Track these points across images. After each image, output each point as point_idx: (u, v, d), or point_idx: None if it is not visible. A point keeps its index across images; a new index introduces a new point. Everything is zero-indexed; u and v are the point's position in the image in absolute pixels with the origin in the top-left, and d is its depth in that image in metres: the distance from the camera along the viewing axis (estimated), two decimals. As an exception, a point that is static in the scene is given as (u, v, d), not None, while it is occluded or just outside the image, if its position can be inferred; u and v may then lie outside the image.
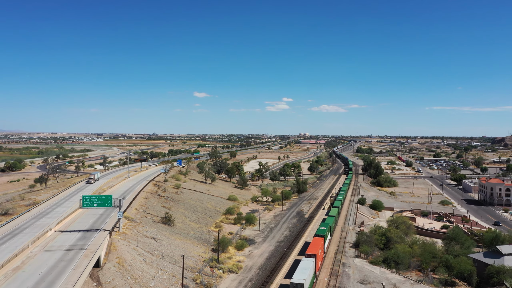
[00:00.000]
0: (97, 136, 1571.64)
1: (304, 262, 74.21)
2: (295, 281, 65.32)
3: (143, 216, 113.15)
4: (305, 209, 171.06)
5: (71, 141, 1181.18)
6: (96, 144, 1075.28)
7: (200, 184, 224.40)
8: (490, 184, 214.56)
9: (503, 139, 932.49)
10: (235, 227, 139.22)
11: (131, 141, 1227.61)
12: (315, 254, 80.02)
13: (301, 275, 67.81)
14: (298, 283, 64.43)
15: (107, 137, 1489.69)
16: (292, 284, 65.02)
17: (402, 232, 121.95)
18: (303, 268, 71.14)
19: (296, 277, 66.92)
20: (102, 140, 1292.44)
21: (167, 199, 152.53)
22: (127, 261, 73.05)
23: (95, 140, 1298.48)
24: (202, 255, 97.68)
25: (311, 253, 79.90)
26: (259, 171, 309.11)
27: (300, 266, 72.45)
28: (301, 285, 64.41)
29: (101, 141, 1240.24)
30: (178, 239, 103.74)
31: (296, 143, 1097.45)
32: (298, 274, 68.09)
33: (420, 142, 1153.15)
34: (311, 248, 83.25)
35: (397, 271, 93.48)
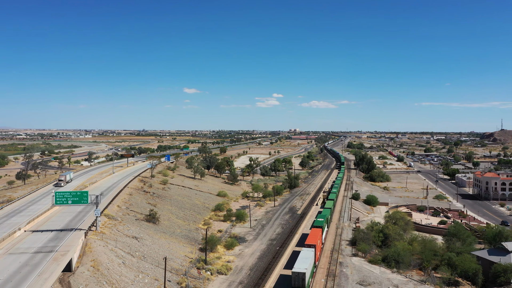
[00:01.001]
0: (85, 132, 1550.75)
1: (304, 252, 73.87)
2: (296, 270, 64.84)
3: (126, 214, 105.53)
4: (297, 205, 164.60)
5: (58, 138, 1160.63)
6: (84, 140, 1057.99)
7: (189, 179, 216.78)
8: (486, 178, 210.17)
9: (492, 134, 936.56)
10: (224, 224, 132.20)
11: (120, 137, 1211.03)
12: (314, 244, 79.77)
13: (302, 264, 67.38)
14: (300, 272, 64.04)
15: (96, 134, 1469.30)
16: (294, 273, 64.65)
17: (400, 229, 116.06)
18: (303, 258, 70.59)
19: (297, 266, 66.47)
20: (90, 137, 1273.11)
21: (153, 195, 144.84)
22: (103, 264, 65.61)
23: (83, 136, 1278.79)
24: (189, 255, 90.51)
25: (310, 243, 79.61)
26: (250, 166, 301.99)
27: (300, 256, 71.88)
28: (303, 274, 64.02)
29: (90, 137, 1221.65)
30: (163, 238, 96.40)
31: (286, 138, 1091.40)
32: (299, 264, 67.56)
33: (409, 137, 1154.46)
34: (310, 239, 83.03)
35: (398, 270, 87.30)
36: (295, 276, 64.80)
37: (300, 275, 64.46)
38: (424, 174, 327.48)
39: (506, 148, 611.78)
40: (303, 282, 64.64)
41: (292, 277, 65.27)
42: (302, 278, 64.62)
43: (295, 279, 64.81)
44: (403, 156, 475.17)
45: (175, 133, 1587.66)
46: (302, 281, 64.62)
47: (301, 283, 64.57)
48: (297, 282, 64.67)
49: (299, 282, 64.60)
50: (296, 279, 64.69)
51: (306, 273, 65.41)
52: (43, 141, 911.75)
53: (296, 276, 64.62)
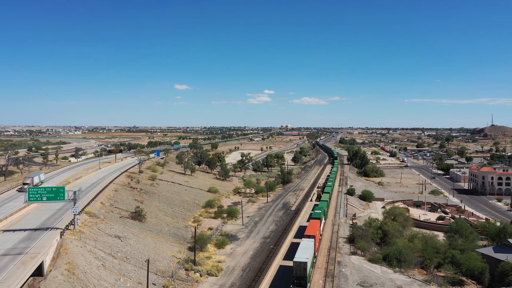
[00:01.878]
0: (75, 129, 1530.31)
1: (305, 242, 74.26)
2: (298, 259, 65.17)
3: (109, 211, 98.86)
4: (291, 200, 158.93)
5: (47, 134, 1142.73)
6: (73, 136, 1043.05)
7: (179, 175, 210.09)
8: (482, 173, 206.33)
9: (482, 130, 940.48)
10: (215, 221, 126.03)
11: (110, 134, 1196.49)
12: (314, 235, 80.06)
13: (303, 254, 67.86)
14: (302, 261, 64.43)
15: (86, 130, 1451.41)
16: (295, 263, 64.99)
17: (400, 225, 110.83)
18: (304, 248, 71.08)
19: (298, 256, 66.89)
20: (80, 133, 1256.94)
21: (140, 191, 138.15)
22: (80, 267, 59.14)
23: (73, 133, 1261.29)
24: (177, 256, 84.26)
25: (310, 234, 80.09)
26: (242, 162, 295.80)
27: (301, 246, 72.40)
28: (304, 263, 64.34)
29: (79, 134, 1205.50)
30: (149, 237, 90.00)
31: (278, 134, 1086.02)
32: (300, 253, 68.05)
33: (401, 133, 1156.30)
34: (310, 230, 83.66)
35: (400, 270, 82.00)
36: (296, 266, 64.90)
37: (302, 264, 64.60)
38: (418, 169, 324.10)
39: (497, 143, 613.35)
40: (304, 271, 64.84)
41: (294, 266, 65.31)
42: (303, 268, 64.77)
43: (297, 269, 64.94)
44: (395, 152, 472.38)
45: (166, 129, 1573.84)
46: (304, 270, 64.82)
47: (302, 272, 64.81)
48: (298, 271, 64.86)
49: (301, 272, 64.82)
50: (298, 268, 64.82)
51: (308, 262, 65.53)
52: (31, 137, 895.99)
53: (298, 266, 64.76)
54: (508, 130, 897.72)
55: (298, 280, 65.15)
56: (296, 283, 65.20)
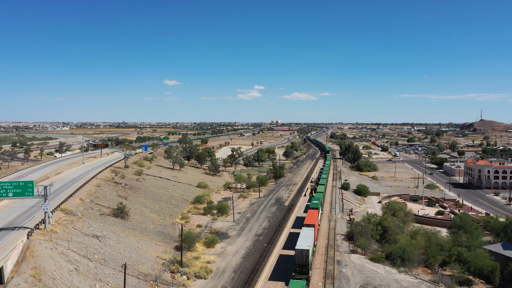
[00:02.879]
0: (63, 124, 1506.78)
1: (305, 231, 74.78)
2: (300, 247, 65.42)
3: (89, 208, 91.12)
4: (284, 195, 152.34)
5: (34, 130, 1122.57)
6: (60, 132, 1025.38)
7: (167, 170, 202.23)
8: (478, 166, 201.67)
9: (471, 125, 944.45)
10: (204, 218, 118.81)
11: (98, 130, 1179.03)
12: (313, 224, 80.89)
13: (305, 242, 68.03)
14: (304, 249, 64.83)
15: (74, 126, 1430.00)
16: (297, 251, 65.22)
17: (400, 221, 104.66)
18: (305, 236, 71.34)
19: (300, 244, 67.00)
20: (68, 129, 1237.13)
21: (124, 187, 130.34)
22: (48, 273, 51.68)
23: (60, 128, 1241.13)
24: (162, 256, 76.98)
25: (309, 223, 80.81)
26: (232, 157, 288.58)
27: (301, 234, 72.73)
28: (306, 251, 64.77)
29: (67, 130, 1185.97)
30: (132, 236, 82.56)
31: (268, 130, 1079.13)
32: (302, 241, 68.18)
33: (391, 128, 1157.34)
34: (309, 219, 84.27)
35: (405, 270, 75.80)
36: (298, 254, 65.05)
37: (303, 252, 64.83)
38: (411, 163, 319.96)
39: (487, 138, 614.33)
40: (306, 259, 65.01)
41: (296, 254, 65.40)
42: (306, 255, 64.95)
43: (299, 256, 65.06)
44: (387, 146, 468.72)
45: (155, 125, 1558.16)
46: (306, 258, 64.98)
47: (304, 260, 64.97)
48: (300, 259, 65.02)
49: (303, 259, 64.98)
50: (300, 256, 64.99)
51: (309, 250, 65.61)
52: (17, 133, 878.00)
53: (300, 253, 64.95)
54: (497, 124, 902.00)
55: (300, 268, 65.13)
56: (298, 270, 65.09)
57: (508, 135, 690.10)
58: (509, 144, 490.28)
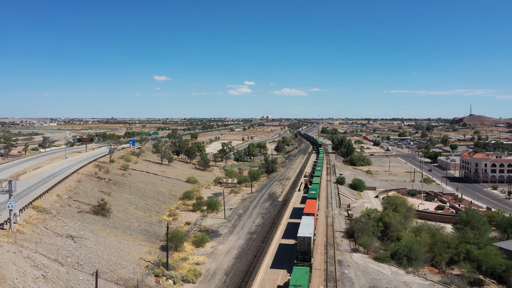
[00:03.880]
0: (50, 120, 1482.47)
1: (305, 220, 75.52)
2: (302, 235, 65.59)
3: (66, 205, 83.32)
4: (277, 190, 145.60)
5: (21, 126, 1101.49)
6: (47, 128, 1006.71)
7: (155, 165, 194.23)
8: (475, 160, 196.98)
9: (461, 119, 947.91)
10: (194, 214, 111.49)
11: (87, 125, 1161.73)
12: (313, 212, 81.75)
13: (306, 229, 68.65)
14: (306, 236, 65.17)
15: (62, 122, 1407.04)
16: (299, 238, 65.34)
17: (402, 216, 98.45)
18: (306, 224, 72.19)
19: (301, 231, 67.29)
20: (55, 125, 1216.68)
21: (108, 182, 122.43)
22: (8, 281, 44.16)
23: (47, 124, 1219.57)
24: (146, 258, 69.64)
25: (309, 212, 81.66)
26: (223, 151, 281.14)
27: (302, 223, 73.45)
28: (308, 238, 65.06)
29: (54, 125, 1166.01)
30: (113, 235, 75.01)
31: (259, 125, 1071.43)
32: (303, 229, 68.74)
33: (381, 123, 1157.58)
34: (308, 208, 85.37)
35: (414, 270, 69.56)
36: (300, 241, 65.10)
37: (305, 239, 64.93)
38: (404, 157, 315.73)
39: (477, 132, 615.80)
40: (308, 246, 65.09)
41: (298, 241, 65.43)
42: (307, 243, 65.03)
43: (301, 244, 65.10)
44: (379, 141, 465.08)
45: (145, 120, 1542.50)
46: (308, 245, 65.04)
47: (306, 247, 65.02)
48: (302, 246, 65.06)
49: (305, 247, 65.01)
50: (302, 243, 65.08)
51: (311, 237, 66.14)
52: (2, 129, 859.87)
53: (302, 241, 65.05)
54: (486, 119, 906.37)
55: (302, 255, 64.98)
56: (300, 258, 64.93)
57: (498, 129, 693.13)
58: (500, 138, 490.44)
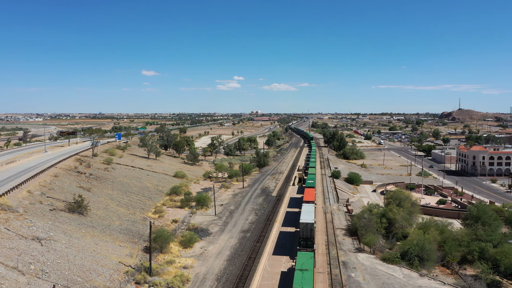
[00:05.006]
0: (37, 116, 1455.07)
1: (306, 207, 76.26)
2: (304, 221, 66.02)
3: (37, 202, 74.50)
4: (270, 185, 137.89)
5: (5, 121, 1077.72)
6: (33, 123, 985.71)
7: (141, 159, 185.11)
8: (473, 152, 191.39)
9: (450, 113, 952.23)
10: (181, 211, 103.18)
11: (73, 120, 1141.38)
12: (313, 200, 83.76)
13: (308, 216, 69.23)
14: (308, 222, 65.53)
15: (48, 117, 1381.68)
16: (302, 224, 65.67)
17: (406, 212, 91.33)
18: (307, 211, 72.81)
19: (304, 218, 67.82)
20: (41, 120, 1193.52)
21: (89, 177, 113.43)
22: None
23: (33, 119, 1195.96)
24: (126, 261, 61.36)
25: (309, 200, 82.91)
26: (212, 145, 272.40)
27: (303, 210, 74.20)
28: (311, 224, 65.39)
29: (40, 121, 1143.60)
30: (89, 236, 66.50)
31: (249, 120, 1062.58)
32: (305, 216, 69.23)
33: (370, 118, 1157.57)
34: (307, 196, 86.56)
35: (428, 273, 62.40)
36: (303, 227, 65.29)
37: (308, 225, 65.17)
38: (397, 151, 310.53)
39: (467, 126, 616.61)
40: (311, 232, 65.29)
41: (300, 228, 65.64)
42: (310, 229, 65.23)
43: (303, 230, 65.27)
44: (370, 135, 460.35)
45: (133, 116, 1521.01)
46: (310, 231, 65.21)
47: (309, 233, 65.18)
48: (305, 232, 65.18)
49: (308, 233, 65.16)
50: (305, 229, 65.24)
51: (314, 223, 66.37)
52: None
53: (305, 227, 65.25)
54: (474, 113, 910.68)
55: (305, 242, 64.88)
56: (303, 244, 64.78)
57: (488, 123, 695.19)
58: (490, 132, 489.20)
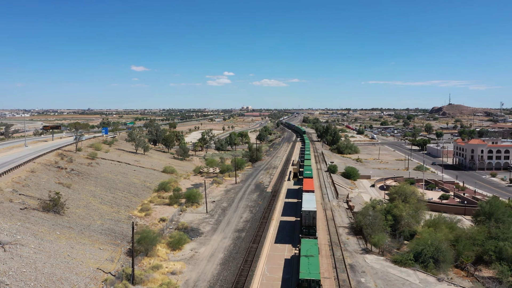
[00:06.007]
0: (24, 111, 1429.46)
1: (307, 196, 76.37)
2: (306, 209, 66.29)
3: (6, 200, 66.39)
4: (265, 180, 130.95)
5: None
6: (19, 119, 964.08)
7: (128, 154, 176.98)
8: (471, 146, 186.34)
9: (440, 108, 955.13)
10: (170, 209, 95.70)
11: (61, 116, 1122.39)
12: (313, 190, 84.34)
13: (310, 204, 69.49)
14: (310, 210, 65.75)
15: (36, 113, 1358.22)
16: (304, 212, 65.80)
17: (413, 208, 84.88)
18: (308, 200, 72.88)
19: (306, 206, 68.07)
20: (28, 116, 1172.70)
21: (70, 172, 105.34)
22: None
23: (20, 115, 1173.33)
24: (106, 267, 53.91)
25: (309, 189, 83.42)
26: (203, 140, 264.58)
27: (304, 198, 74.07)
28: (313, 212, 65.58)
29: (27, 117, 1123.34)
30: (64, 238, 58.86)
31: (239, 116, 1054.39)
32: (307, 204, 69.51)
33: (361, 113, 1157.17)
34: (307, 186, 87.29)
35: (448, 278, 55.97)
36: (306, 215, 65.60)
37: (311, 213, 65.48)
38: (391, 145, 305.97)
39: (458, 121, 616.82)
40: (314, 220, 65.51)
41: (303, 215, 65.89)
42: (313, 216, 65.42)
43: (306, 217, 65.62)
44: (363, 129, 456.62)
45: (122, 112, 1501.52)
46: (313, 219, 65.43)
47: (312, 221, 65.40)
48: (308, 220, 65.56)
49: (310, 220, 65.42)
50: (307, 217, 65.55)
51: (316, 211, 66.62)
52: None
53: (307, 215, 65.54)
54: (464, 108, 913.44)
55: (308, 229, 65.00)
56: (306, 232, 64.87)
57: (478, 118, 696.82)
58: (482, 126, 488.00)
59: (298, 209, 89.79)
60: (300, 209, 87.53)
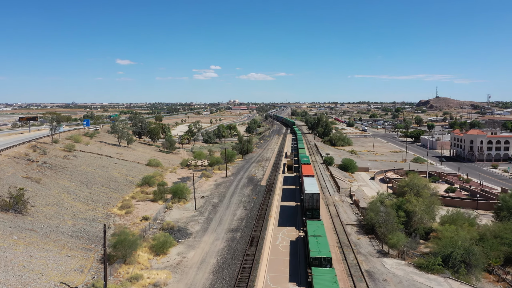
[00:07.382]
0: (5, 105, 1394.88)
1: (308, 180, 74.64)
2: (310, 191, 64.97)
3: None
4: (258, 173, 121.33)
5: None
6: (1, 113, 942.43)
7: (111, 147, 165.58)
8: (470, 137, 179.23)
9: (428, 101, 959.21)
10: (154, 205, 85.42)
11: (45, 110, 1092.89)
12: (313, 174, 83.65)
13: (312, 187, 67.86)
14: (314, 193, 64.54)
15: (18, 107, 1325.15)
16: (307, 195, 64.73)
17: (425, 203, 76.10)
18: (310, 184, 70.99)
19: (309, 189, 66.52)
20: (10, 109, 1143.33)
21: (41, 166, 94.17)
22: None
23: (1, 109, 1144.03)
24: (73, 280, 43.71)
25: (309, 174, 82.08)
26: (190, 132, 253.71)
27: (306, 182, 72.42)
28: (317, 194, 64.35)
29: (9, 110, 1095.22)
30: (23, 244, 48.41)
31: (227, 109, 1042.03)
32: (309, 187, 67.83)
33: (348, 106, 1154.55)
34: (306, 171, 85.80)
35: (479, 284, 47.15)
36: (309, 198, 64.22)
37: (314, 195, 64.09)
38: (383, 137, 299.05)
39: (447, 113, 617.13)
40: (317, 203, 64.18)
41: (306, 198, 64.81)
42: (316, 199, 64.02)
43: (309, 200, 64.20)
44: (353, 122, 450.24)
45: (107, 105, 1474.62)
46: (316, 202, 64.07)
47: (315, 204, 64.01)
48: (311, 203, 64.15)
49: (313, 203, 64.07)
50: (311, 200, 64.06)
51: (319, 194, 65.86)
52: None
53: (311, 197, 64.08)
54: (451, 101, 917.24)
55: (311, 212, 64.14)
56: (309, 215, 64.09)
57: (466, 110, 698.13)
58: (471, 118, 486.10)
59: (298, 209, 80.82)
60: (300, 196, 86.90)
